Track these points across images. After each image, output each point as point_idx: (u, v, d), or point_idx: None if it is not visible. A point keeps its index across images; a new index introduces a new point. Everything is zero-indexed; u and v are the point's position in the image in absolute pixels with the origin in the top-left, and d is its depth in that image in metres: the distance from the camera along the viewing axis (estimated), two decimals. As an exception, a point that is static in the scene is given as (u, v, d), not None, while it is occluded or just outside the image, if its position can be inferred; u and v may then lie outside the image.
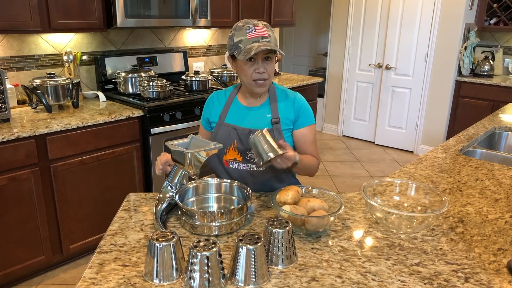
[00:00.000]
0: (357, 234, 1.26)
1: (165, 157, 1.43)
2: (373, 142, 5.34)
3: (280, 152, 1.31)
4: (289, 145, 1.38)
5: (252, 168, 1.57)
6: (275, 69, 4.48)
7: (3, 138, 2.11)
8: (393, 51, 4.91)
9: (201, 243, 0.97)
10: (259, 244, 0.99)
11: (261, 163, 1.34)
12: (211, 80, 3.36)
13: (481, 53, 4.65)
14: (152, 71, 3.13)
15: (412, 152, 5.00)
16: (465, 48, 4.46)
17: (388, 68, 4.99)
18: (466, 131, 2.40)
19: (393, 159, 4.76)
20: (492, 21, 4.54)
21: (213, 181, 1.45)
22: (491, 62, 4.53)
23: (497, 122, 2.60)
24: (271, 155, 1.30)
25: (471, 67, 4.62)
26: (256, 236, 1.01)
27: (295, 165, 1.41)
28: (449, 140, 2.23)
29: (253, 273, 0.98)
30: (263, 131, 1.32)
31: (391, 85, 5.02)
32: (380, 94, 5.13)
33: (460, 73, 4.60)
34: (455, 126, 4.60)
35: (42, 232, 2.38)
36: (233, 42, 1.49)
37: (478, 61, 4.61)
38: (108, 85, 3.11)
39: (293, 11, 4.19)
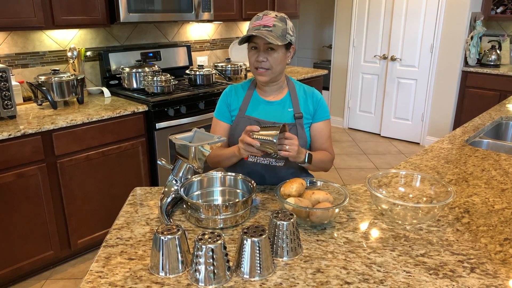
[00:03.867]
0: (362, 225, 1.26)
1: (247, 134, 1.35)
2: (379, 134, 5.31)
3: (278, 127, 1.29)
4: (295, 136, 1.38)
5: (271, 163, 1.58)
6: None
7: (9, 135, 2.13)
8: (398, 42, 4.87)
9: (206, 236, 0.98)
10: (263, 236, 0.99)
11: (272, 151, 1.32)
12: (215, 74, 3.36)
13: (488, 42, 4.59)
14: (156, 66, 3.13)
15: (419, 143, 4.97)
16: (472, 38, 4.41)
17: (393, 59, 4.94)
18: (473, 121, 2.38)
19: (399, 151, 4.73)
20: (498, 10, 4.47)
21: (218, 174, 1.45)
22: (498, 51, 4.47)
23: (504, 112, 2.57)
24: (275, 139, 1.28)
25: (478, 57, 4.57)
26: (261, 228, 1.02)
27: (309, 160, 1.43)
28: (455, 130, 2.21)
29: (258, 265, 0.99)
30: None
31: (397, 77, 4.98)
32: (386, 86, 5.10)
33: (466, 63, 4.55)
34: (461, 117, 4.57)
35: (50, 227, 2.41)
36: (247, 30, 1.55)
37: (484, 50, 4.55)
38: (112, 81, 3.12)
39: (296, 3, 4.16)
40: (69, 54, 2.89)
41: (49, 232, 2.41)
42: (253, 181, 1.37)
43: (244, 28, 4.16)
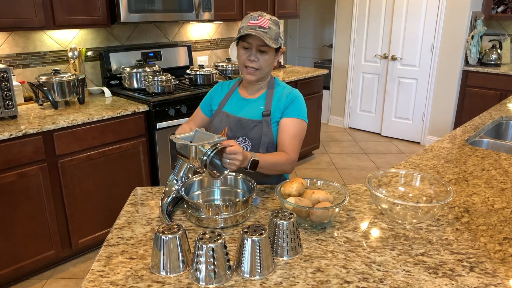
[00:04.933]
0: (362, 225, 1.26)
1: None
2: (380, 134, 5.31)
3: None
4: (232, 140, 1.32)
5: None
6: (280, 62, 4.49)
7: (11, 135, 2.13)
8: (399, 41, 4.87)
9: (207, 235, 0.98)
10: (264, 235, 0.99)
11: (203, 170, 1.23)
12: (216, 74, 3.36)
13: (489, 42, 4.60)
14: (156, 66, 3.14)
15: (419, 143, 4.97)
16: (472, 37, 4.41)
17: (394, 58, 4.95)
18: (473, 121, 2.38)
19: (399, 151, 4.73)
20: (499, 9, 4.47)
21: (218, 174, 1.45)
22: (499, 51, 4.47)
23: (505, 112, 2.57)
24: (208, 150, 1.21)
25: (478, 56, 4.57)
26: (261, 228, 1.02)
27: (253, 167, 1.36)
28: (455, 130, 2.21)
29: (259, 264, 0.99)
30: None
31: (397, 76, 4.99)
32: (386, 85, 5.10)
33: (467, 63, 4.55)
34: (462, 116, 4.57)
35: (51, 227, 2.41)
36: (239, 28, 1.56)
37: (485, 50, 4.55)
38: (113, 81, 3.13)
39: (297, 2, 4.16)
40: (70, 54, 2.89)
41: (50, 232, 2.42)
42: (253, 181, 1.37)
43: (244, 27, 4.15)
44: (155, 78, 2.86)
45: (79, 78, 2.70)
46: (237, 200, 1.39)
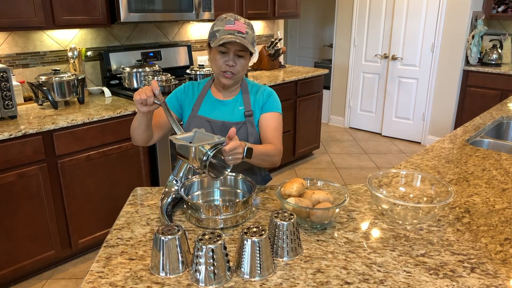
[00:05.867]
0: (363, 225, 1.25)
1: (149, 88, 1.33)
2: (380, 134, 5.31)
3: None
4: (233, 129, 1.28)
5: None
6: (280, 61, 4.49)
7: (10, 135, 2.13)
8: (399, 41, 4.87)
9: (206, 236, 0.98)
10: (264, 236, 0.99)
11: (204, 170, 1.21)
12: (216, 74, 3.35)
13: (489, 41, 4.59)
14: (156, 66, 3.13)
15: (420, 143, 4.97)
16: (473, 37, 4.40)
17: (394, 58, 4.94)
18: (474, 120, 2.38)
19: (400, 150, 4.73)
20: (500, 9, 4.46)
21: (218, 174, 1.45)
22: (499, 50, 4.46)
23: (505, 112, 2.57)
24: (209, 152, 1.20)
25: (479, 56, 4.56)
26: (261, 228, 1.02)
27: (248, 154, 1.32)
28: (456, 130, 2.21)
29: (259, 265, 0.99)
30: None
31: (398, 76, 4.98)
32: (387, 85, 5.09)
33: (467, 62, 4.55)
34: (463, 116, 4.56)
35: (51, 227, 2.41)
36: (212, 30, 1.53)
37: (486, 49, 4.55)
38: (113, 81, 3.12)
39: (297, 2, 4.16)
40: (69, 54, 2.89)
41: (50, 232, 2.42)
42: (253, 181, 1.37)
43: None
44: (155, 78, 2.85)
45: (79, 78, 2.69)
46: (237, 200, 1.38)
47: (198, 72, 3.19)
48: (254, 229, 1.01)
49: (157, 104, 1.35)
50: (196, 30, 3.72)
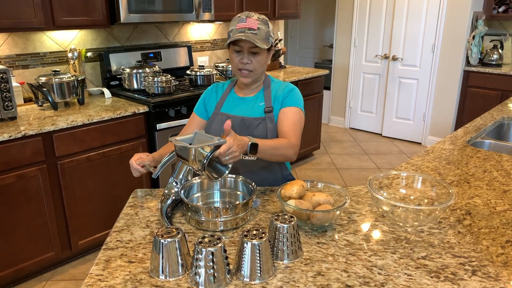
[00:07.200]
0: (363, 227, 1.25)
1: (136, 157, 1.49)
2: (381, 134, 5.30)
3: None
4: (231, 131, 1.27)
5: (244, 157, 1.55)
6: (280, 62, 4.48)
7: (10, 136, 2.13)
8: (400, 41, 4.86)
9: (206, 239, 0.97)
10: (264, 239, 0.98)
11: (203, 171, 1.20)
12: (216, 75, 3.35)
13: (490, 42, 4.58)
14: (156, 67, 3.13)
15: (420, 143, 4.96)
16: (473, 37, 4.40)
17: (394, 59, 4.93)
18: (474, 121, 2.37)
19: (400, 151, 4.72)
20: (500, 9, 4.46)
21: (218, 176, 1.44)
22: (500, 51, 4.46)
23: (506, 112, 2.56)
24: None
25: (480, 57, 4.56)
26: (261, 231, 1.01)
27: (253, 149, 1.31)
28: (456, 131, 2.20)
29: (259, 268, 0.98)
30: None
31: (398, 76, 4.97)
32: (387, 86, 5.09)
33: (468, 63, 4.54)
34: (463, 117, 4.55)
35: (50, 228, 2.41)
36: (228, 31, 1.55)
37: (486, 50, 4.54)
38: (113, 81, 3.12)
39: (297, 2, 4.15)
40: (69, 55, 2.88)
41: (50, 233, 2.41)
42: (253, 183, 1.36)
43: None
44: (155, 79, 2.85)
45: (78, 79, 2.69)
46: (237, 202, 1.38)
47: (198, 73, 3.19)
48: (254, 232, 1.01)
49: (148, 169, 1.49)
50: (196, 31, 3.72)
